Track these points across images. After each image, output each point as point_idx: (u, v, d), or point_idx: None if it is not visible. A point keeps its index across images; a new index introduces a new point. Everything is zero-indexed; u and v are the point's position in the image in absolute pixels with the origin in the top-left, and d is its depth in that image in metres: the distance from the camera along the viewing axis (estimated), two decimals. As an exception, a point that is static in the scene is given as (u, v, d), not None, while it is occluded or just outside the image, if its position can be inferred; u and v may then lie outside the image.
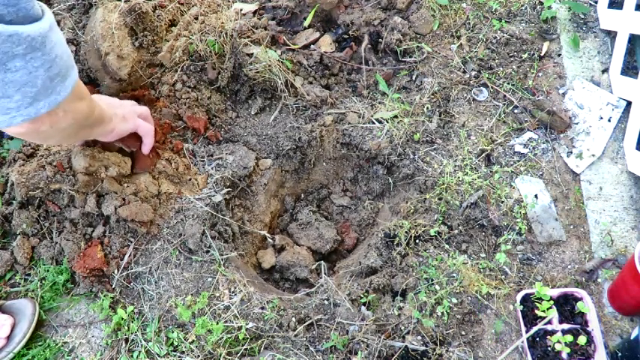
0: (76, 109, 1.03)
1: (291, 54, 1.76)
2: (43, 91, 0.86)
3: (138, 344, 1.33)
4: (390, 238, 1.51)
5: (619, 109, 1.59)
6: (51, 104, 0.89)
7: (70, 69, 0.93)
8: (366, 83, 1.78)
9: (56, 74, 0.87)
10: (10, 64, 0.77)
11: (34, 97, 0.84)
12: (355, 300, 1.39)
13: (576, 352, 1.25)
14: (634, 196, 1.48)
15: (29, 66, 0.80)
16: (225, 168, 1.61)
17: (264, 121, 1.73)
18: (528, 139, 1.60)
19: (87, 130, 1.20)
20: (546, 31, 1.76)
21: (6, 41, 0.74)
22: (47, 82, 0.86)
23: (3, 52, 0.75)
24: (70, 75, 0.94)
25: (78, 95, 1.01)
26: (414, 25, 1.80)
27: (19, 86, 0.81)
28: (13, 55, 0.77)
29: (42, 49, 0.81)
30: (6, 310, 1.36)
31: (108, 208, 1.41)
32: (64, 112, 0.97)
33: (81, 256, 1.39)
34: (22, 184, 1.40)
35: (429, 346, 1.28)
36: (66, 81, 0.92)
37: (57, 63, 0.86)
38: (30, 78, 0.81)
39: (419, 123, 1.66)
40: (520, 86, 1.68)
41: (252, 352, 1.31)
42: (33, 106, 0.85)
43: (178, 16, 1.73)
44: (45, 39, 0.81)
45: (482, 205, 1.48)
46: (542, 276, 1.41)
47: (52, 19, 0.85)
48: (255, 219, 1.70)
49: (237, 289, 1.39)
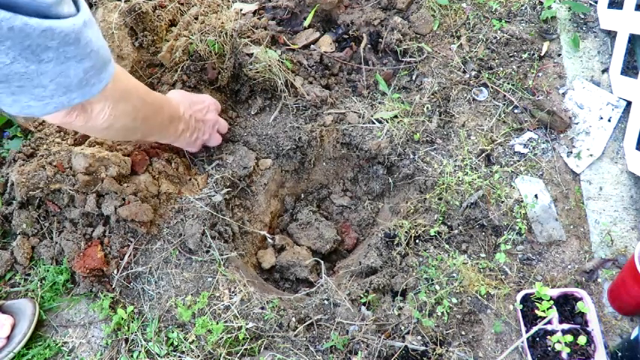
0: (115, 109, 1.05)
1: (291, 54, 1.76)
2: (76, 82, 0.90)
3: (138, 344, 1.33)
4: (390, 238, 1.51)
5: (619, 109, 1.59)
6: (84, 95, 0.93)
7: (106, 64, 0.96)
8: (366, 83, 1.78)
9: (90, 67, 0.91)
10: (44, 56, 0.81)
11: (67, 88, 0.89)
12: (355, 300, 1.39)
13: (576, 352, 1.25)
14: (634, 196, 1.48)
15: (62, 57, 0.84)
16: (225, 168, 1.61)
17: (264, 121, 1.73)
18: (528, 139, 1.60)
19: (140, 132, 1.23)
20: (546, 31, 1.76)
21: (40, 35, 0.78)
22: (80, 74, 0.90)
23: (37, 45, 0.79)
24: (107, 69, 0.97)
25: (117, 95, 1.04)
26: (414, 25, 1.80)
27: (52, 77, 0.85)
28: (47, 47, 0.81)
29: (75, 44, 0.85)
30: (6, 310, 1.36)
31: (108, 208, 1.41)
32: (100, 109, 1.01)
33: (81, 256, 1.39)
34: (22, 184, 1.40)
35: (429, 346, 1.28)
36: (101, 74, 0.95)
37: (91, 57, 0.90)
38: (63, 69, 0.85)
39: (419, 123, 1.66)
40: (520, 86, 1.68)
41: (252, 352, 1.31)
42: (66, 95, 0.90)
43: (178, 16, 1.74)
44: (79, 35, 0.85)
45: (483, 205, 1.48)
46: (542, 276, 1.41)
47: (86, 15, 0.88)
48: (255, 219, 1.70)
49: (237, 289, 1.39)
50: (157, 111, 1.26)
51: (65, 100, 0.91)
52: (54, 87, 0.87)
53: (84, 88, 0.93)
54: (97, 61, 0.92)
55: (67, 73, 0.87)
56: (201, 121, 1.49)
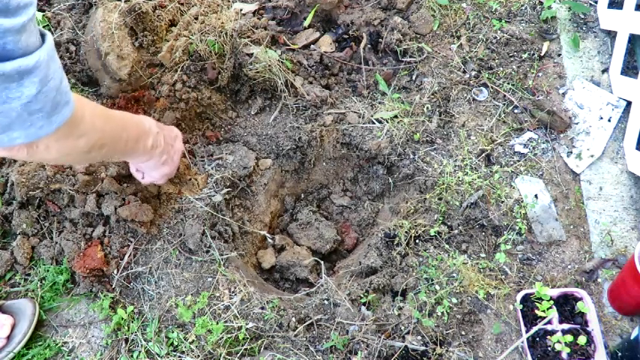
0: (64, 146, 0.98)
1: (291, 54, 1.76)
2: (19, 122, 0.84)
3: (138, 344, 1.33)
4: (390, 238, 1.51)
5: (619, 109, 1.59)
6: (28, 137, 0.87)
7: (59, 106, 0.90)
8: (366, 83, 1.78)
9: (37, 110, 0.85)
10: None
11: (7, 126, 0.83)
12: (355, 300, 1.39)
13: (576, 352, 1.25)
14: (634, 196, 1.48)
15: (3, 96, 0.79)
16: (225, 168, 1.61)
17: (264, 121, 1.73)
18: (528, 139, 1.60)
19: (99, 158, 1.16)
20: (546, 31, 1.76)
21: None
22: (24, 115, 0.84)
23: None
24: (60, 112, 0.90)
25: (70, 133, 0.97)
26: (414, 25, 1.80)
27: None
28: None
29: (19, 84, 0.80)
30: (6, 310, 1.36)
31: (108, 208, 1.41)
32: (45, 146, 0.93)
33: (81, 256, 1.39)
34: (22, 184, 1.40)
35: (429, 346, 1.28)
36: (51, 117, 0.88)
37: (38, 99, 0.84)
38: (3, 108, 0.80)
39: (419, 123, 1.66)
40: (520, 86, 1.68)
41: (252, 352, 1.31)
42: (6, 134, 0.84)
43: (178, 16, 1.73)
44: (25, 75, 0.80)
45: (483, 205, 1.48)
46: (542, 276, 1.41)
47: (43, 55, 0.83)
48: (255, 219, 1.70)
49: (237, 289, 1.39)
50: (119, 135, 1.17)
51: (5, 139, 0.84)
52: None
53: (28, 130, 0.85)
54: (45, 103, 0.85)
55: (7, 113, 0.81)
56: (171, 145, 1.40)
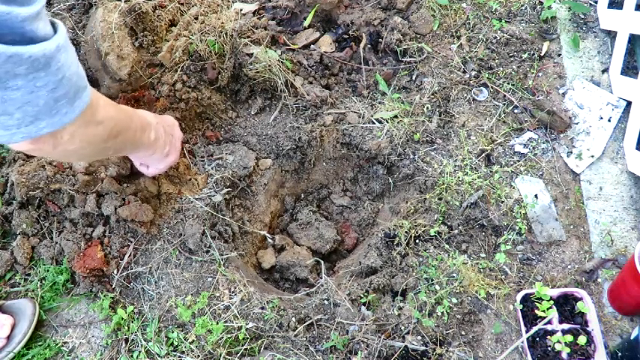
0: (85, 134, 0.98)
1: (291, 54, 1.76)
2: (45, 111, 0.84)
3: (138, 344, 1.33)
4: (390, 238, 1.51)
5: (619, 109, 1.59)
6: (55, 125, 0.87)
7: (80, 91, 0.91)
8: (366, 83, 1.78)
9: (62, 95, 0.85)
10: (11, 83, 0.77)
11: (35, 116, 0.83)
12: (355, 300, 1.39)
13: (576, 352, 1.25)
14: (634, 196, 1.48)
15: (31, 85, 0.79)
16: (225, 168, 1.61)
17: (264, 121, 1.73)
18: (528, 139, 1.60)
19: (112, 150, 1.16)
20: (546, 31, 1.76)
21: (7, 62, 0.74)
22: (51, 103, 0.84)
23: (4, 72, 0.75)
24: (80, 97, 0.91)
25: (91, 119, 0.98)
26: (414, 25, 1.80)
27: (19, 104, 0.80)
28: (15, 74, 0.76)
29: (46, 70, 0.80)
30: (6, 310, 1.36)
31: (108, 208, 1.41)
32: (70, 135, 0.94)
33: (81, 256, 1.39)
34: (22, 184, 1.40)
35: (429, 346, 1.28)
36: (74, 103, 0.89)
37: (63, 84, 0.85)
38: (31, 97, 0.80)
39: (419, 123, 1.66)
40: (520, 86, 1.68)
41: (252, 352, 1.31)
42: (34, 124, 0.84)
43: (178, 16, 1.73)
44: (50, 60, 0.80)
45: (483, 205, 1.48)
46: (542, 276, 1.41)
47: (61, 40, 0.83)
48: (255, 219, 1.70)
49: (237, 289, 1.39)
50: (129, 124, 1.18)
51: (33, 130, 0.84)
52: (20, 115, 0.81)
53: (54, 117, 0.86)
54: (69, 88, 0.86)
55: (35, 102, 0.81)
56: (171, 135, 1.40)
